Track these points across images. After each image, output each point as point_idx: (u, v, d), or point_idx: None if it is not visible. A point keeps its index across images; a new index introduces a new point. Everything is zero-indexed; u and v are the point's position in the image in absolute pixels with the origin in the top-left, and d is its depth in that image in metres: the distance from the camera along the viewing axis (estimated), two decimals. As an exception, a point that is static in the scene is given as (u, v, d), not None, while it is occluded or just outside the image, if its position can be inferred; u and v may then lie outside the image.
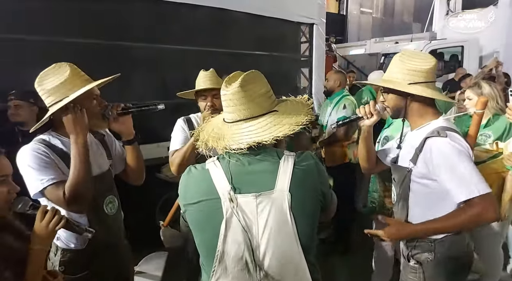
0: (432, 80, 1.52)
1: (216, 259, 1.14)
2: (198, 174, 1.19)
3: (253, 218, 1.11)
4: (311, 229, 1.17)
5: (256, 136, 1.10)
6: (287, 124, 1.12)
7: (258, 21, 4.19)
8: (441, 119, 1.54)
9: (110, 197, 1.62)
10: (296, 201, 1.11)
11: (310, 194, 1.15)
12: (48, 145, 1.47)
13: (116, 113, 1.57)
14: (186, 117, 2.17)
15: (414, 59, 1.51)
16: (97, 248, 1.54)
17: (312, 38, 4.89)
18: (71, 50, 2.84)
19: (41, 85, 1.46)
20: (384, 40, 10.60)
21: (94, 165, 1.57)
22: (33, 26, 2.74)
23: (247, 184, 1.12)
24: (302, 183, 1.12)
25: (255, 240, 1.12)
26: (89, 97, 1.51)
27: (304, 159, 1.15)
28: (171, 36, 3.51)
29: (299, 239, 1.12)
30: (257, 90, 1.14)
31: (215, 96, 2.05)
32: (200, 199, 1.16)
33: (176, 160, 1.99)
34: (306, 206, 1.14)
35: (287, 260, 1.13)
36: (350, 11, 15.92)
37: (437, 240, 1.52)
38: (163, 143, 3.30)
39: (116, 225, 1.66)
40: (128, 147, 1.69)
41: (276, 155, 1.15)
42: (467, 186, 1.35)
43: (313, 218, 1.17)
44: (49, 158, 1.43)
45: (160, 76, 3.47)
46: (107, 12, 3.11)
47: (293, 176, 1.11)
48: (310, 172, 1.15)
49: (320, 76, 4.97)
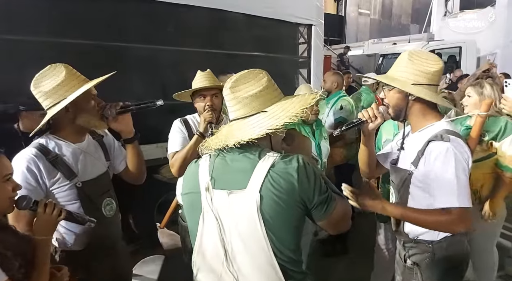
0: (437, 83, 1.49)
1: (195, 251, 1.19)
2: (192, 168, 1.25)
3: (225, 214, 1.13)
4: (291, 235, 1.13)
5: (235, 137, 1.12)
6: (264, 126, 1.10)
7: (255, 22, 4.18)
8: (443, 121, 1.50)
9: (108, 199, 1.61)
10: (268, 203, 1.07)
11: (285, 199, 1.08)
12: (43, 151, 1.46)
13: (115, 112, 1.55)
14: (183, 118, 2.15)
15: (422, 59, 1.46)
16: (95, 250, 1.55)
17: (311, 39, 4.89)
18: (70, 51, 2.84)
19: (37, 88, 1.45)
20: (382, 41, 10.64)
21: (92, 168, 1.57)
22: (31, 28, 2.75)
23: (224, 180, 1.14)
24: (276, 186, 1.07)
25: (228, 236, 1.13)
26: (87, 98, 1.50)
27: (287, 162, 1.09)
28: (168, 37, 3.51)
29: (271, 242, 1.08)
30: (248, 91, 1.13)
31: (214, 95, 2.04)
32: (188, 191, 1.23)
33: (177, 163, 1.97)
34: (280, 210, 1.08)
35: (258, 261, 1.11)
36: (348, 12, 15.99)
37: (435, 242, 1.52)
38: (161, 144, 3.29)
39: (114, 227, 1.66)
40: (128, 145, 1.68)
41: (258, 155, 1.12)
42: (451, 195, 1.36)
43: (291, 224, 1.12)
44: (34, 176, 1.41)
45: (157, 77, 3.47)
46: (104, 13, 3.10)
47: (267, 177, 1.07)
48: (287, 176, 1.07)
49: (319, 77, 4.98)
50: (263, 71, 1.19)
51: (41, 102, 1.47)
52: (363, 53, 10.92)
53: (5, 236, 1.18)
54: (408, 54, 1.49)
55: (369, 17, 16.83)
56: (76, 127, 1.53)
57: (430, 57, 1.48)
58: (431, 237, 1.53)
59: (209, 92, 2.04)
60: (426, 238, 1.54)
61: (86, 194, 1.52)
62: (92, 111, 1.52)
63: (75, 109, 1.48)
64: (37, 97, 1.47)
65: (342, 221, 1.20)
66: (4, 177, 1.16)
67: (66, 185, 1.48)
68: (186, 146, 1.97)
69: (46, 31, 2.80)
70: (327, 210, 1.13)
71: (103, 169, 1.63)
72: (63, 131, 1.53)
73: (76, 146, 1.55)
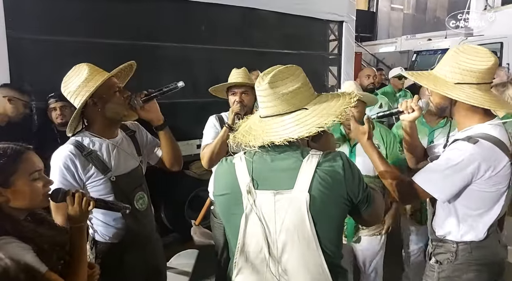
0: (487, 81, 1.35)
1: (237, 251, 1.16)
2: (226, 167, 1.21)
3: (270, 215, 1.11)
4: (336, 233, 1.15)
5: (279, 134, 1.09)
6: (311, 124, 1.08)
7: (286, 20, 4.17)
8: (487, 124, 1.37)
9: (140, 193, 1.65)
10: (317, 203, 1.07)
11: (333, 197, 1.09)
12: (78, 147, 1.52)
13: (141, 101, 1.59)
14: (218, 115, 2.21)
15: (469, 56, 1.34)
16: (130, 242, 1.60)
17: (341, 36, 4.81)
18: (104, 50, 2.97)
19: (66, 89, 1.52)
20: (416, 37, 10.27)
21: (125, 162, 1.62)
22: (70, 28, 2.87)
23: (267, 181, 1.12)
24: (324, 185, 1.07)
25: (273, 236, 1.12)
26: (112, 89, 1.55)
27: (330, 160, 1.09)
28: (200, 35, 3.57)
29: (319, 241, 1.09)
30: (288, 87, 1.11)
31: (244, 92, 2.09)
32: (225, 192, 1.19)
33: (206, 154, 2.03)
34: (328, 209, 1.09)
35: (306, 260, 1.11)
36: (380, 8, 15.56)
37: (461, 243, 1.46)
38: (192, 141, 3.37)
39: (147, 220, 1.70)
40: (160, 132, 1.70)
41: (301, 154, 1.11)
42: (425, 175, 1.40)
43: (337, 222, 1.14)
44: (70, 173, 1.48)
45: (189, 76, 3.53)
46: (138, 13, 3.20)
47: (315, 177, 1.06)
48: (334, 174, 1.07)
49: (349, 74, 4.89)
50: (299, 67, 1.17)
51: (72, 102, 1.54)
52: (396, 50, 10.60)
53: (41, 229, 1.22)
54: (454, 49, 1.40)
55: (402, 12, 16.30)
56: (107, 121, 1.58)
57: (480, 53, 1.35)
58: (455, 238, 1.47)
59: (240, 89, 2.10)
60: (452, 238, 1.48)
61: (120, 188, 1.57)
62: (118, 102, 1.56)
63: (102, 101, 1.53)
64: (68, 97, 1.54)
65: (380, 213, 1.25)
66: (32, 173, 1.18)
67: (100, 180, 1.54)
68: (216, 139, 2.02)
69: (84, 32, 2.92)
70: (369, 204, 1.16)
71: (135, 164, 1.68)
72: (96, 126, 1.59)
73: (110, 141, 1.60)
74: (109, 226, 1.59)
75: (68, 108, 2.55)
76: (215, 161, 2.03)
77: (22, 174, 1.15)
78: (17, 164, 1.15)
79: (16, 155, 1.16)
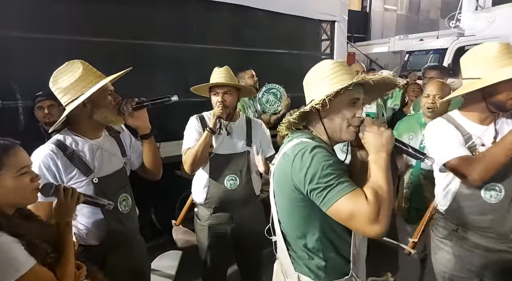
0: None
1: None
2: None
3: None
4: (295, 220, 1.19)
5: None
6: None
7: (279, 19, 4.16)
8: None
9: (123, 195, 1.62)
10: (276, 185, 1.22)
11: (284, 184, 1.16)
12: (60, 147, 1.48)
13: (131, 108, 1.55)
14: (199, 114, 2.14)
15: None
16: (112, 244, 1.57)
17: (334, 35, 4.82)
18: (93, 49, 2.91)
19: (56, 84, 1.47)
20: (409, 37, 10.33)
21: (108, 164, 1.59)
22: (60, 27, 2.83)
23: None
24: (280, 171, 1.18)
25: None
26: (104, 93, 1.51)
27: (296, 146, 1.13)
28: (191, 34, 3.53)
29: (279, 221, 1.24)
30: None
31: (227, 92, 2.03)
32: None
33: (188, 159, 1.97)
34: (283, 194, 1.19)
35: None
36: (374, 9, 15.62)
37: None
38: (182, 141, 3.33)
39: (130, 222, 1.66)
40: (145, 141, 1.68)
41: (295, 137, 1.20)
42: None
43: (290, 209, 1.19)
44: (51, 172, 1.44)
45: (180, 75, 3.50)
46: (129, 12, 3.16)
47: (279, 161, 1.19)
48: (288, 160, 1.13)
49: (342, 74, 4.88)
50: None
51: (59, 99, 1.49)
52: (389, 50, 10.64)
53: (30, 224, 1.22)
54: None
55: (396, 13, 16.38)
56: (93, 122, 1.54)
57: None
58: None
59: (222, 89, 2.03)
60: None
61: (102, 190, 1.53)
62: (109, 107, 1.52)
63: (92, 104, 1.49)
64: (55, 93, 1.49)
65: (349, 220, 1.02)
66: (21, 169, 1.16)
67: (82, 181, 1.50)
68: (197, 143, 1.96)
69: (74, 30, 2.87)
70: (324, 200, 1.03)
71: (119, 165, 1.64)
72: (81, 127, 1.54)
73: (93, 142, 1.56)
74: (89, 227, 1.55)
75: (56, 107, 2.48)
76: (198, 166, 2.00)
77: (10, 169, 1.14)
78: (5, 159, 1.13)
79: (3, 150, 1.14)
